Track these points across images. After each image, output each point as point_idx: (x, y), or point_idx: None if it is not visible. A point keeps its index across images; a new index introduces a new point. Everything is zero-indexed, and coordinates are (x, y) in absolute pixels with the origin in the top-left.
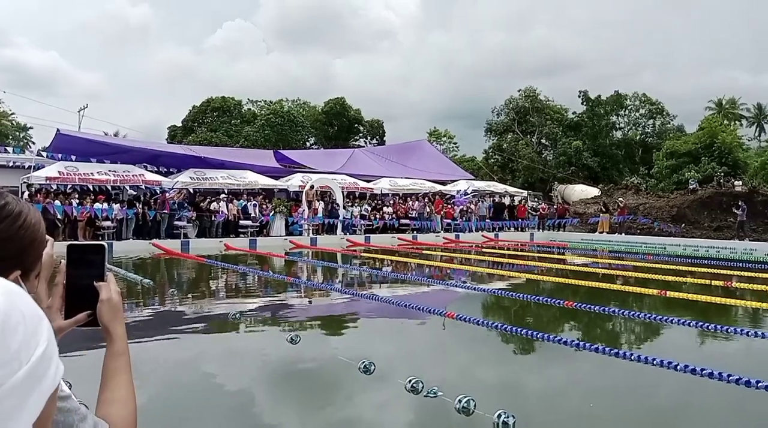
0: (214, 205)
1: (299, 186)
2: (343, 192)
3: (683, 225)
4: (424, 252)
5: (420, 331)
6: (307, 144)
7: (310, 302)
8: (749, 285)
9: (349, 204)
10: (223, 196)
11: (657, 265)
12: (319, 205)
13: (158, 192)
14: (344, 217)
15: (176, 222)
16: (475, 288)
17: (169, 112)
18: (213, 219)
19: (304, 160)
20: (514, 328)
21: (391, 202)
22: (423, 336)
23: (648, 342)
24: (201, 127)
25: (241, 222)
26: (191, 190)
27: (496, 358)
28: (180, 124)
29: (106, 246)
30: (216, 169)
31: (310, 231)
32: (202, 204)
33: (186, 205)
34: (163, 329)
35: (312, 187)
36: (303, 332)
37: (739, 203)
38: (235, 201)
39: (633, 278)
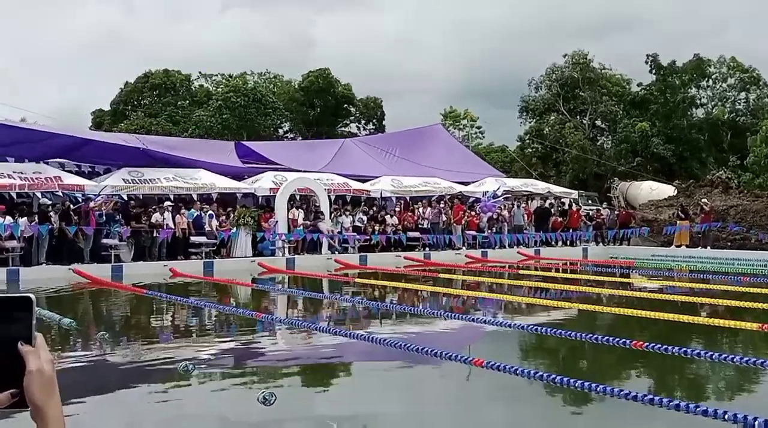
0: (155, 217)
1: (270, 189)
2: (330, 196)
3: None
4: (440, 275)
5: (436, 384)
6: (281, 132)
7: (288, 347)
8: None
9: (339, 212)
10: (167, 204)
11: (756, 290)
12: (299, 215)
13: (80, 200)
14: (332, 231)
15: (105, 241)
16: (509, 325)
17: (93, 92)
18: (154, 235)
19: (277, 153)
20: (563, 378)
21: (396, 208)
22: (440, 391)
23: (745, 393)
24: (136, 111)
25: (193, 238)
26: (124, 197)
27: (541, 419)
28: (108, 108)
29: (33, 298)
30: (158, 168)
31: (286, 251)
32: (139, 215)
33: (118, 217)
34: (89, 388)
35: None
36: (279, 388)
37: None
38: (184, 210)
39: (723, 307)
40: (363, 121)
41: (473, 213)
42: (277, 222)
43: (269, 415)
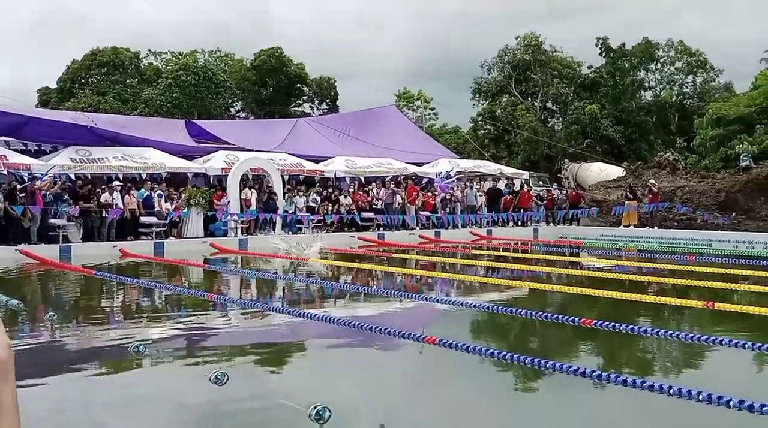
0: (105, 197)
1: (222, 169)
2: (283, 176)
3: (734, 214)
4: (393, 255)
5: (390, 362)
6: (232, 111)
7: (241, 327)
8: None
9: (293, 193)
10: (116, 183)
11: (701, 268)
12: (251, 195)
13: (26, 179)
14: (285, 211)
15: (52, 221)
16: (462, 303)
17: (39, 70)
18: (104, 215)
19: (229, 133)
20: (514, 356)
21: (349, 189)
22: (394, 369)
23: (691, 370)
24: (84, 89)
25: (143, 219)
26: (72, 177)
27: (493, 396)
28: (55, 86)
29: None
30: (106, 147)
31: (239, 231)
32: (88, 195)
33: (66, 197)
34: (38, 370)
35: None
36: (232, 368)
37: None
38: (133, 190)
39: (670, 286)
40: (316, 101)
41: (427, 193)
42: (229, 202)
43: (222, 395)
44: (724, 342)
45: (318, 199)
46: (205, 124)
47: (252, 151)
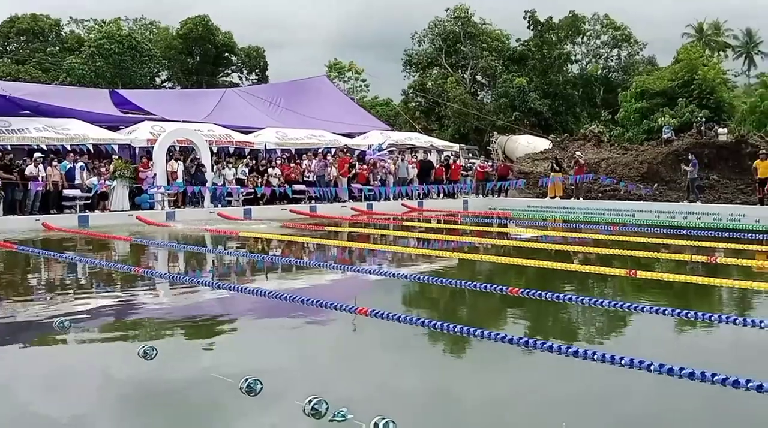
0: (29, 169)
1: (148, 140)
2: (211, 148)
3: (656, 185)
4: (325, 228)
5: (322, 334)
6: (158, 81)
7: (169, 302)
8: (738, 259)
9: (221, 165)
10: (38, 155)
11: (624, 238)
12: (178, 167)
13: None
14: (214, 184)
15: None
16: (393, 274)
17: None
18: (28, 189)
19: (154, 103)
20: (444, 324)
21: (279, 161)
22: (326, 341)
23: (614, 336)
24: (2, 58)
25: (66, 192)
26: None
27: (423, 365)
28: None
29: None
30: (26, 118)
31: (166, 204)
32: (9, 166)
33: None
34: None
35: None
36: (161, 342)
37: (689, 157)
38: (56, 163)
39: (594, 255)
40: (245, 71)
41: (364, 166)
42: (155, 174)
43: (152, 369)
44: (645, 308)
45: (246, 171)
46: (130, 94)
47: (179, 121)
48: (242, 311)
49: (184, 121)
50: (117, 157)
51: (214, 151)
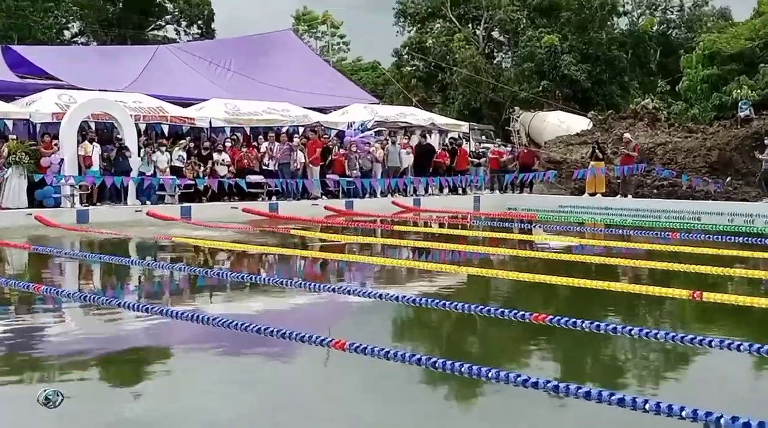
0: None
1: (53, 114)
2: (137, 125)
3: (729, 179)
4: (291, 232)
5: (283, 375)
6: (67, 34)
7: (80, 330)
8: None
9: (152, 148)
10: None
11: (687, 249)
12: (93, 151)
13: None
14: (141, 173)
15: None
16: (380, 296)
17: None
18: None
19: (62, 64)
20: (448, 363)
21: (229, 144)
22: (288, 385)
23: (673, 379)
24: None
25: None
26: None
27: (420, 418)
28: None
29: None
30: None
31: (77, 200)
32: None
33: None
34: None
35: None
36: (69, 384)
37: (765, 142)
38: None
39: (647, 271)
40: (184, 23)
41: (342, 151)
42: (62, 160)
43: (57, 423)
44: (714, 343)
45: (184, 156)
46: (29, 52)
47: (94, 90)
48: (177, 343)
49: (101, 90)
50: (12, 136)
51: (142, 129)
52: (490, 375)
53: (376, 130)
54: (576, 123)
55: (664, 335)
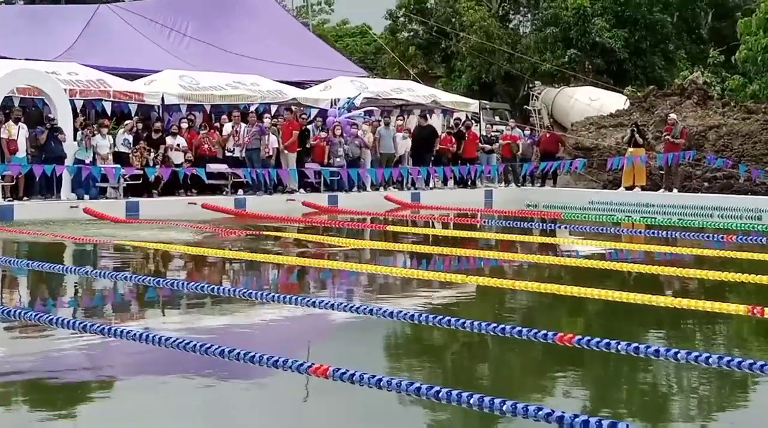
0: None
1: None
2: (73, 102)
3: None
4: (263, 234)
5: (252, 406)
6: None
7: (6, 352)
8: None
9: (89, 130)
10: None
11: (744, 255)
12: (19, 133)
13: None
14: (78, 161)
15: None
16: (370, 311)
17: None
18: None
19: None
20: (453, 393)
21: (185, 125)
22: (261, 418)
23: (729, 411)
24: None
25: None
26: None
27: None
28: None
29: None
30: None
31: None
32: None
33: None
34: None
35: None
36: None
37: None
38: None
39: (695, 282)
40: None
41: (322, 134)
42: None
43: None
44: None
45: (130, 140)
46: None
47: (20, 59)
48: (122, 367)
49: (28, 59)
50: None
51: (79, 107)
52: (504, 408)
53: (365, 109)
54: (610, 101)
55: (717, 359)
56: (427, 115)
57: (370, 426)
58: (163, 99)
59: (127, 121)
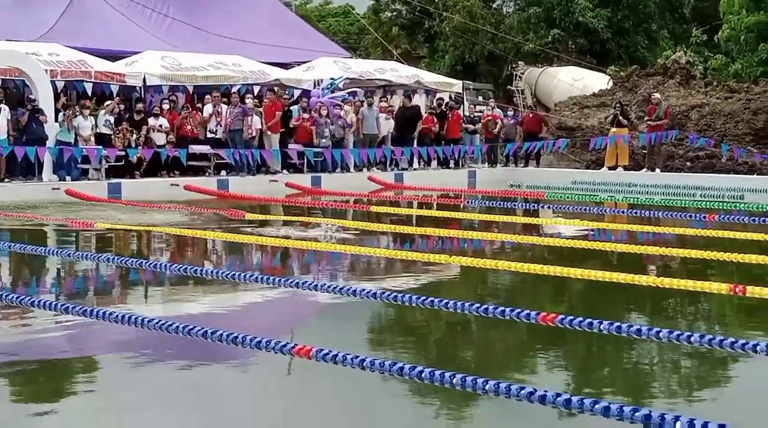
0: None
1: None
2: (55, 83)
3: None
4: (245, 216)
5: (235, 389)
6: None
7: None
8: None
9: (71, 112)
10: None
11: (726, 234)
12: (0, 113)
13: None
14: (60, 142)
15: None
16: (353, 292)
17: None
18: None
19: None
20: (437, 373)
21: (167, 106)
22: (244, 399)
23: (712, 389)
24: None
25: None
26: None
27: None
28: None
29: None
30: None
31: None
32: None
33: None
34: None
35: None
36: None
37: None
38: None
39: (678, 261)
40: None
41: (306, 115)
42: None
43: None
44: (760, 347)
45: (112, 121)
46: None
47: (1, 40)
48: (105, 350)
49: (8, 40)
50: None
51: (60, 88)
52: (487, 387)
53: (348, 89)
54: (593, 81)
55: (699, 338)
56: (411, 96)
57: (354, 406)
58: (144, 80)
59: (108, 102)
